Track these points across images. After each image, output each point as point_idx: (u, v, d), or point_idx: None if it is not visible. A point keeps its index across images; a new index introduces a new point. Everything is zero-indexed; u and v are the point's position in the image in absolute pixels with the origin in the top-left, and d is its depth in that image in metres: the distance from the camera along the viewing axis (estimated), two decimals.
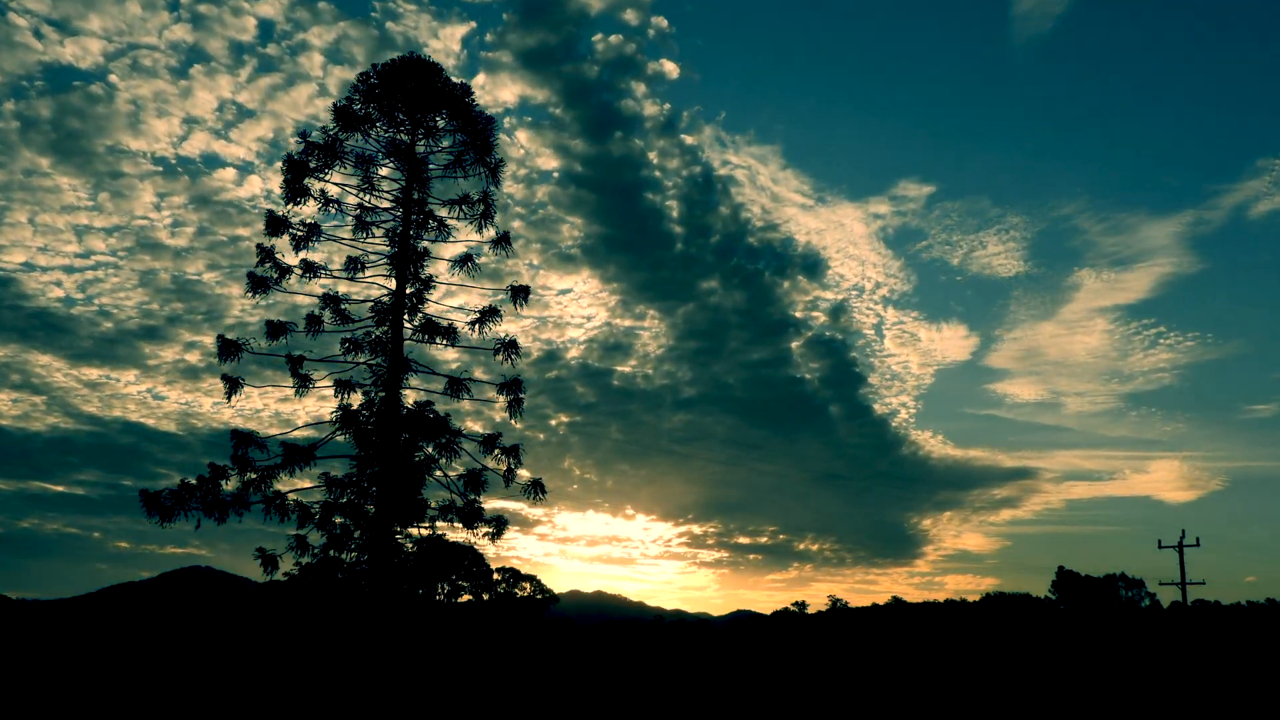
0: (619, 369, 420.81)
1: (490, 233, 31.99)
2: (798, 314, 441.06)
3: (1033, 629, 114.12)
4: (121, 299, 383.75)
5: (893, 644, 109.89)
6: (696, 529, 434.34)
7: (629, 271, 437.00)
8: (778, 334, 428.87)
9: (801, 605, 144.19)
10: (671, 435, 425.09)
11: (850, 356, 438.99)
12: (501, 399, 31.87)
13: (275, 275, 30.34)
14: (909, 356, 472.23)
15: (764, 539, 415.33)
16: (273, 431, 30.41)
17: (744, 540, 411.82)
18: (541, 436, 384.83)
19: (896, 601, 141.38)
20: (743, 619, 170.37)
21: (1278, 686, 66.25)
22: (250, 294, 30.08)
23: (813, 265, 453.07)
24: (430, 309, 31.72)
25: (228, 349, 29.50)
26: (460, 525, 30.96)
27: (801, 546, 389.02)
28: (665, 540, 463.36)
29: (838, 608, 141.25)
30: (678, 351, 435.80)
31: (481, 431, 31.84)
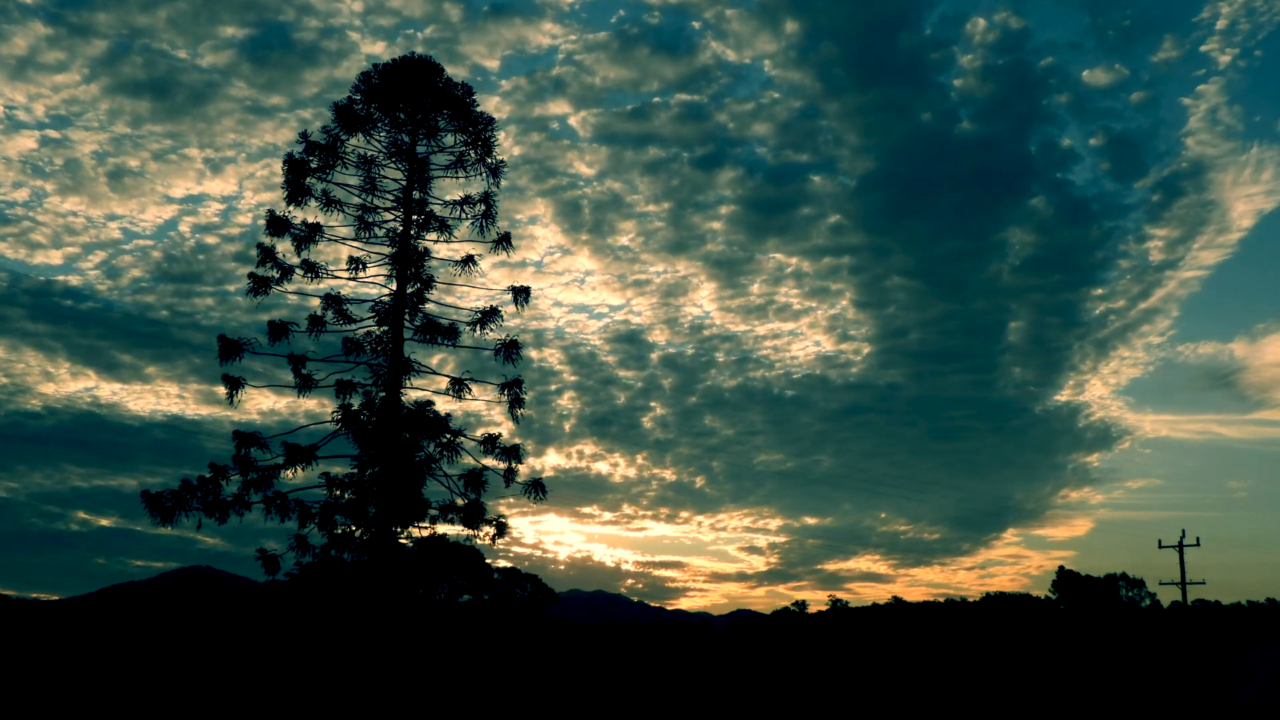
0: (767, 257, 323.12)
1: (492, 234, 32.07)
2: (1064, 142, 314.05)
3: (1033, 629, 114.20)
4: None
5: (892, 644, 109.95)
6: (765, 509, 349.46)
7: (825, 37, 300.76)
8: (1012, 192, 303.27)
9: (802, 605, 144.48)
10: (789, 380, 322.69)
11: (1104, 231, 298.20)
12: (502, 398, 31.90)
13: (277, 275, 30.39)
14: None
15: (830, 519, 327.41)
16: (264, 425, 30.46)
17: (811, 520, 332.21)
18: (628, 374, 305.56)
19: (897, 601, 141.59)
20: (743, 619, 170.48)
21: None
22: (251, 294, 30.11)
23: (1132, 31, 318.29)
24: (431, 308, 31.78)
25: (229, 349, 29.49)
26: (461, 525, 30.97)
27: (880, 530, 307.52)
28: (718, 526, 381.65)
29: (838, 607, 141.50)
30: (847, 228, 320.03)
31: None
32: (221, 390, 29.61)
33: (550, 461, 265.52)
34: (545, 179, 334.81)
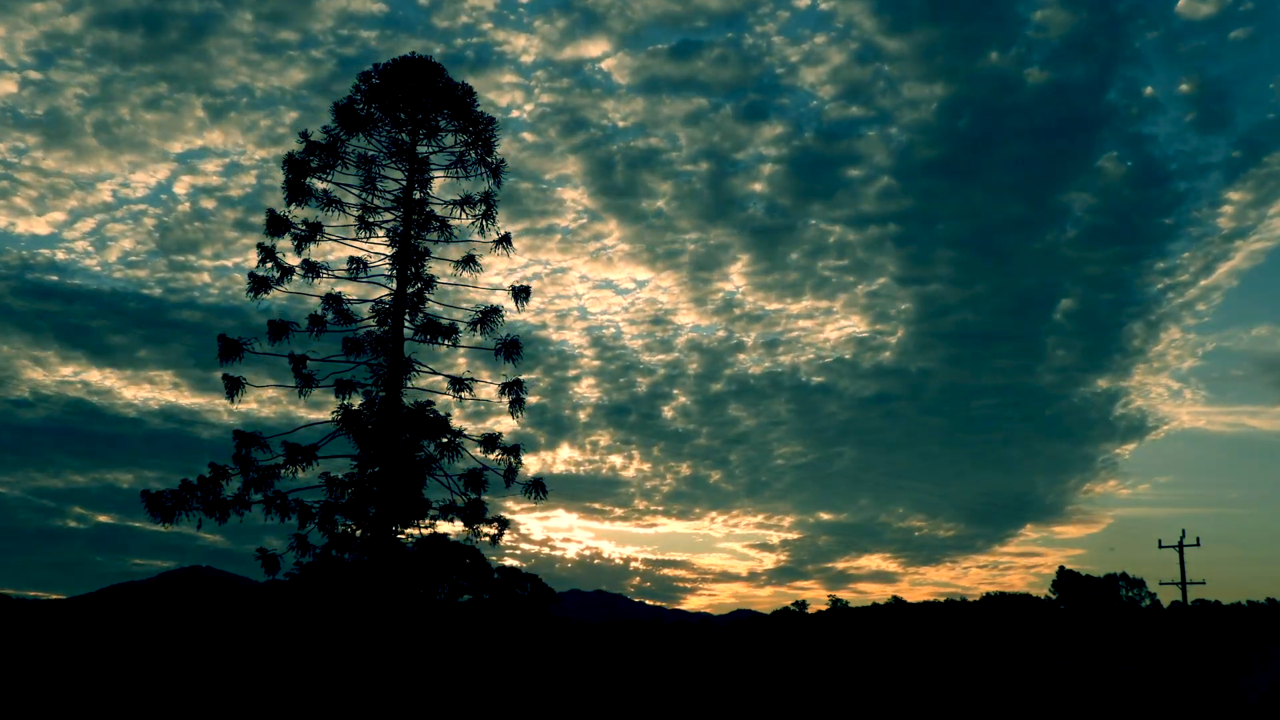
0: (808, 225, 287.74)
1: (492, 234, 32.13)
2: (1147, 90, 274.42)
3: (1032, 629, 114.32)
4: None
5: (889, 644, 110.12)
6: (781, 504, 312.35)
7: None
8: (1082, 148, 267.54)
9: (802, 605, 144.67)
10: (818, 364, 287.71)
11: (1178, 194, 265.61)
12: (503, 399, 31.95)
13: (277, 275, 30.46)
14: None
15: (845, 515, 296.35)
16: (271, 426, 30.47)
17: (825, 516, 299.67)
18: (652, 359, 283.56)
19: (897, 601, 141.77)
20: (743, 619, 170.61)
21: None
22: (251, 294, 30.15)
23: None
24: (433, 307, 31.84)
25: (229, 349, 29.53)
26: (462, 525, 31.01)
27: (897, 526, 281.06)
28: (731, 522, 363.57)
29: (837, 607, 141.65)
30: (896, 191, 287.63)
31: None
32: (219, 375, 29.69)
33: (563, 455, 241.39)
34: (575, 132, 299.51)
